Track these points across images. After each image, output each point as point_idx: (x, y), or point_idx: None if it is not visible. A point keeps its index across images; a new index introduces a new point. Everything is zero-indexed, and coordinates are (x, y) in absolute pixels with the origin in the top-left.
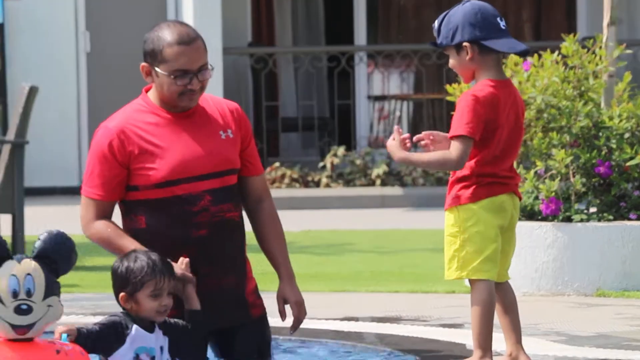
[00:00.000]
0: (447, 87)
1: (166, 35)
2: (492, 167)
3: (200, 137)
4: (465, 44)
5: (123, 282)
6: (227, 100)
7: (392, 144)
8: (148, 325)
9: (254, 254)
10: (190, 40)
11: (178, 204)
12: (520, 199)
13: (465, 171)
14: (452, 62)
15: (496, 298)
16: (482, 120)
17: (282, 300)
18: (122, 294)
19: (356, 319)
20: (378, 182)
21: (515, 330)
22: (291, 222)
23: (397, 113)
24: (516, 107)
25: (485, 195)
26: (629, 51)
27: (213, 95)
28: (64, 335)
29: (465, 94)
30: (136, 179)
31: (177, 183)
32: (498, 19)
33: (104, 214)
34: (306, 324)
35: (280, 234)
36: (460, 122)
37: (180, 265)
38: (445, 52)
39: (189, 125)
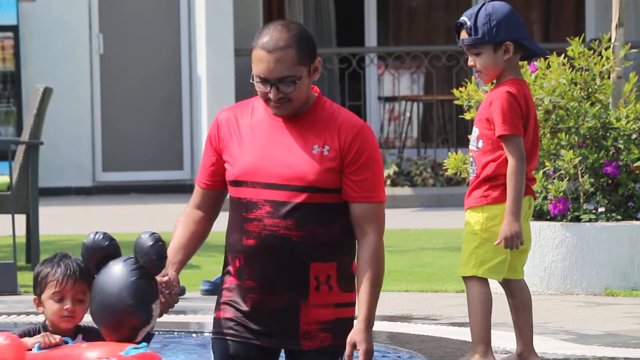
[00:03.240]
0: (455, 91)
1: (259, 36)
2: None
3: (289, 145)
4: (508, 42)
5: (34, 284)
6: (355, 117)
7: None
8: (69, 334)
9: None
10: (273, 49)
11: (240, 206)
12: (535, 198)
13: (494, 171)
14: (483, 60)
15: (512, 296)
16: (521, 117)
17: (351, 345)
18: (34, 297)
19: None
20: (388, 182)
21: (528, 330)
22: None
23: (407, 114)
24: (535, 110)
25: None
26: (634, 50)
27: (345, 110)
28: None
29: (499, 91)
30: (225, 172)
31: (242, 184)
32: None
33: (201, 202)
34: None
35: (371, 277)
36: (504, 120)
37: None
38: (475, 50)
39: (290, 131)
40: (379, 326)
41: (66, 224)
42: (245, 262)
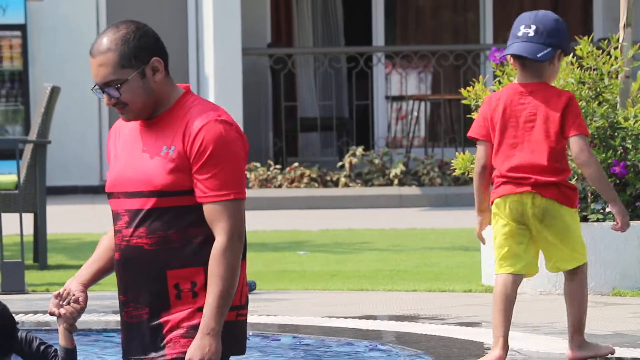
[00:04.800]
0: (462, 90)
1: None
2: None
3: (143, 150)
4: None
5: None
6: (206, 112)
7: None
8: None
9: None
10: (96, 53)
11: (113, 219)
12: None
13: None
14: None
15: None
16: (486, 121)
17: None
18: None
19: (374, 317)
20: (396, 181)
21: (571, 323)
22: (310, 221)
23: (415, 113)
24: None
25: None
26: None
27: (203, 105)
28: None
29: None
30: None
31: (111, 196)
32: None
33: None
34: (325, 322)
35: (212, 284)
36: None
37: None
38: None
39: (148, 135)
40: (386, 326)
41: (74, 222)
42: (117, 277)
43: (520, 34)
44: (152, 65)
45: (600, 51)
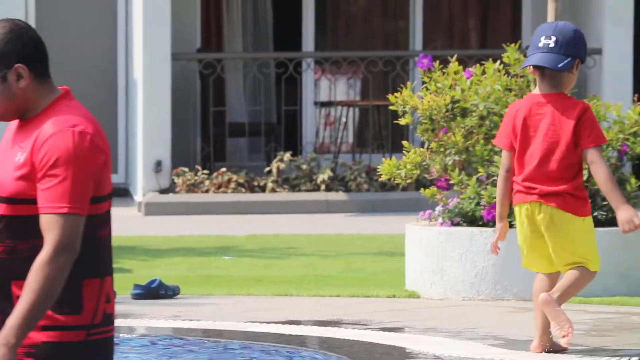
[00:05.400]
0: (390, 96)
1: None
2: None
3: (7, 153)
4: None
5: None
6: (61, 120)
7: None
8: None
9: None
10: None
11: None
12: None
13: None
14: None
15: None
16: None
17: None
18: None
19: (298, 323)
20: (323, 187)
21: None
22: (236, 226)
23: (343, 119)
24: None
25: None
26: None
27: (72, 109)
28: None
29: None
30: None
31: None
32: None
33: None
34: (249, 327)
35: (25, 291)
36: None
37: None
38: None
39: (15, 137)
40: (309, 331)
41: None
42: None
43: (541, 44)
44: (16, 71)
45: None
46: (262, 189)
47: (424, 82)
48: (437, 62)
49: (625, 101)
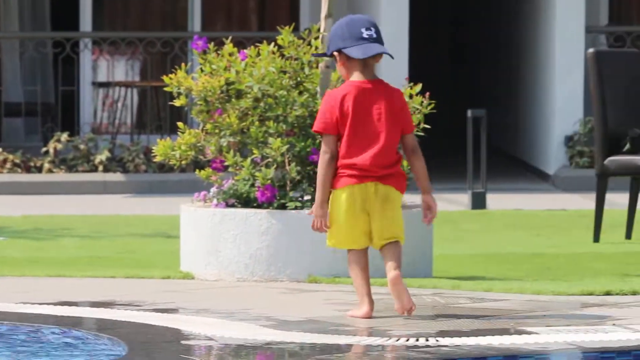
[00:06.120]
0: (165, 77)
1: None
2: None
3: None
4: (335, 53)
5: None
6: None
7: None
8: None
9: None
10: None
11: None
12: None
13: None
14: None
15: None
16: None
17: None
18: None
19: (71, 304)
20: (101, 168)
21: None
22: (11, 207)
23: (122, 100)
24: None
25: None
26: None
27: None
28: None
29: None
30: None
31: None
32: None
33: None
34: (21, 308)
35: None
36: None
37: None
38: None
39: None
40: (82, 312)
41: None
42: None
43: (365, 35)
44: None
45: (302, 41)
46: (39, 169)
47: (199, 64)
48: (213, 43)
49: (403, 83)
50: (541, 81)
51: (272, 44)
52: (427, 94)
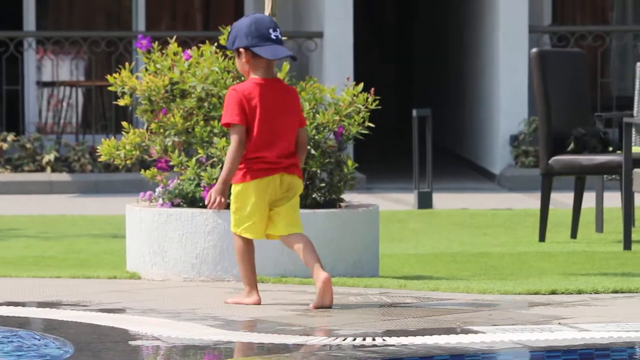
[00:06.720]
0: (109, 77)
1: None
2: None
3: None
4: (241, 49)
5: None
6: None
7: None
8: None
9: None
10: None
11: None
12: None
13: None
14: (236, 62)
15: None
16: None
17: None
18: None
19: (17, 304)
20: (48, 168)
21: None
22: None
23: (67, 100)
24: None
25: None
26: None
27: None
28: None
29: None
30: None
31: None
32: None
33: None
34: None
35: None
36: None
37: None
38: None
39: None
40: (27, 312)
41: None
42: None
43: (273, 36)
44: None
45: None
46: None
47: (143, 63)
48: (157, 43)
49: (345, 82)
50: (486, 81)
51: (215, 44)
52: (372, 89)
